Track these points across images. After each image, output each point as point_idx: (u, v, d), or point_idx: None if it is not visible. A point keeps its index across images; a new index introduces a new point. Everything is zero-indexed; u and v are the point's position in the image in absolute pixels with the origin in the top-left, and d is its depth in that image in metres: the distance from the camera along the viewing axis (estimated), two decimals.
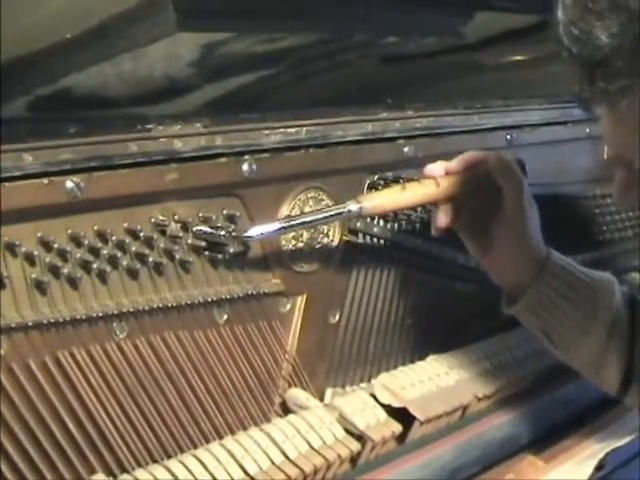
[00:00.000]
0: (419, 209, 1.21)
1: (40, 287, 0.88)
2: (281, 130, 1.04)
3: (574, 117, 1.48)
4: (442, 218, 1.02)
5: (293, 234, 1.10)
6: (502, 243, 1.04)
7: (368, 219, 1.18)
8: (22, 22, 0.93)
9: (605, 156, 0.99)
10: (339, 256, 1.17)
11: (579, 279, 1.04)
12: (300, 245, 1.11)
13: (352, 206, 0.99)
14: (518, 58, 1.54)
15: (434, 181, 1.01)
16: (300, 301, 1.14)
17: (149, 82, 1.02)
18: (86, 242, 0.91)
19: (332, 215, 1.01)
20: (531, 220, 1.04)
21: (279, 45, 1.20)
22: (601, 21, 0.73)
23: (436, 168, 1.02)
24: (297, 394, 1.11)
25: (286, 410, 1.12)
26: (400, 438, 1.11)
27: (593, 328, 1.03)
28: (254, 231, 1.00)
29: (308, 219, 1.02)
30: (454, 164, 1.03)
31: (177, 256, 0.99)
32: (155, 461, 0.96)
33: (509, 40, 1.52)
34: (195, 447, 1.00)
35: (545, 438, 1.24)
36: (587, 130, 1.51)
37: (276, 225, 1.00)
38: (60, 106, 0.93)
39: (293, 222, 1.02)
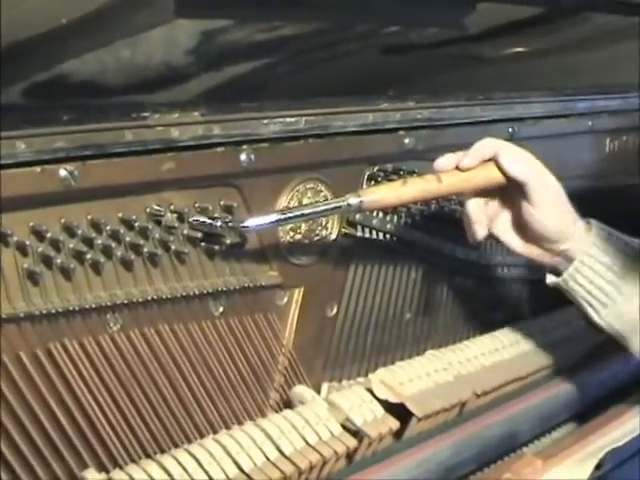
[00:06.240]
0: (419, 202, 1.20)
1: (32, 278, 0.86)
2: (280, 120, 1.02)
3: (577, 110, 1.47)
4: (480, 230, 1.04)
5: (291, 226, 1.09)
6: (536, 227, 1.05)
7: (367, 212, 1.17)
8: (17, 8, 0.91)
9: None
10: (337, 249, 1.16)
11: (625, 245, 1.07)
12: (298, 237, 1.10)
13: (352, 200, 0.98)
14: (521, 50, 1.52)
15: (436, 176, 1.00)
16: (297, 294, 1.13)
17: (146, 69, 1.00)
18: (80, 232, 0.89)
19: (331, 208, 1.00)
20: (559, 195, 1.05)
21: (279, 33, 1.18)
22: None
23: (446, 162, 1.01)
24: (302, 392, 1.09)
25: (282, 404, 1.10)
26: (397, 434, 1.10)
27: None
28: (251, 222, 0.98)
29: (307, 211, 1.01)
30: (467, 161, 1.01)
31: (173, 247, 0.97)
32: (148, 456, 0.95)
33: (512, 31, 1.51)
34: (189, 441, 0.99)
35: (545, 436, 1.23)
36: (589, 123, 1.50)
37: (274, 216, 0.99)
38: (55, 93, 0.91)
39: (291, 214, 1.00)
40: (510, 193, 1.05)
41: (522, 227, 1.06)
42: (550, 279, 1.10)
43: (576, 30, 1.66)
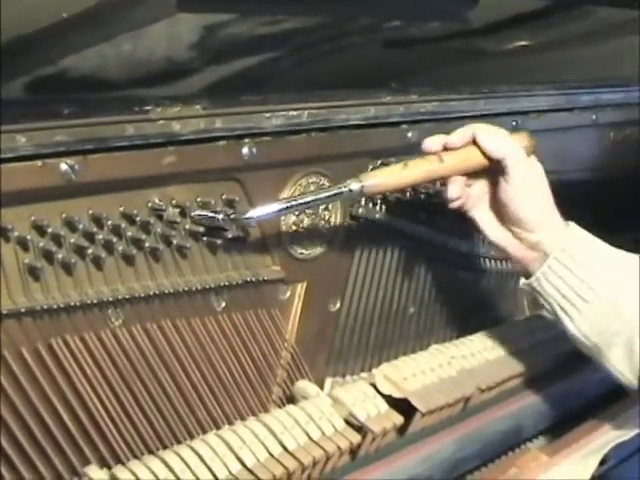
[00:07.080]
0: (422, 195, 1.20)
1: (33, 273, 0.86)
2: (283, 113, 1.01)
3: (580, 103, 1.46)
4: (452, 189, 1.02)
5: (293, 220, 1.08)
6: (511, 209, 1.03)
7: (370, 205, 1.17)
8: (18, 2, 0.90)
9: None
10: (340, 243, 1.15)
11: (603, 247, 1.04)
12: (301, 231, 1.09)
13: (353, 185, 0.98)
14: (524, 43, 1.52)
15: (437, 157, 1.00)
16: (300, 288, 1.13)
17: (148, 63, 1.00)
18: (81, 227, 0.88)
19: (333, 194, 1.00)
20: (540, 179, 1.04)
21: (281, 26, 1.18)
22: None
23: (434, 142, 1.02)
24: (305, 387, 1.09)
25: (285, 400, 1.10)
26: (401, 430, 1.09)
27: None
28: (254, 213, 0.97)
29: (309, 199, 1.00)
30: (455, 139, 1.02)
31: (174, 242, 0.96)
32: (150, 451, 0.94)
33: (515, 25, 1.50)
34: (191, 437, 0.98)
35: (549, 431, 1.23)
36: (593, 117, 1.49)
37: (276, 206, 0.98)
38: (56, 87, 0.91)
39: (293, 202, 0.99)
40: (495, 177, 1.05)
41: (499, 212, 1.05)
42: (523, 282, 1.07)
43: (579, 23, 1.66)
